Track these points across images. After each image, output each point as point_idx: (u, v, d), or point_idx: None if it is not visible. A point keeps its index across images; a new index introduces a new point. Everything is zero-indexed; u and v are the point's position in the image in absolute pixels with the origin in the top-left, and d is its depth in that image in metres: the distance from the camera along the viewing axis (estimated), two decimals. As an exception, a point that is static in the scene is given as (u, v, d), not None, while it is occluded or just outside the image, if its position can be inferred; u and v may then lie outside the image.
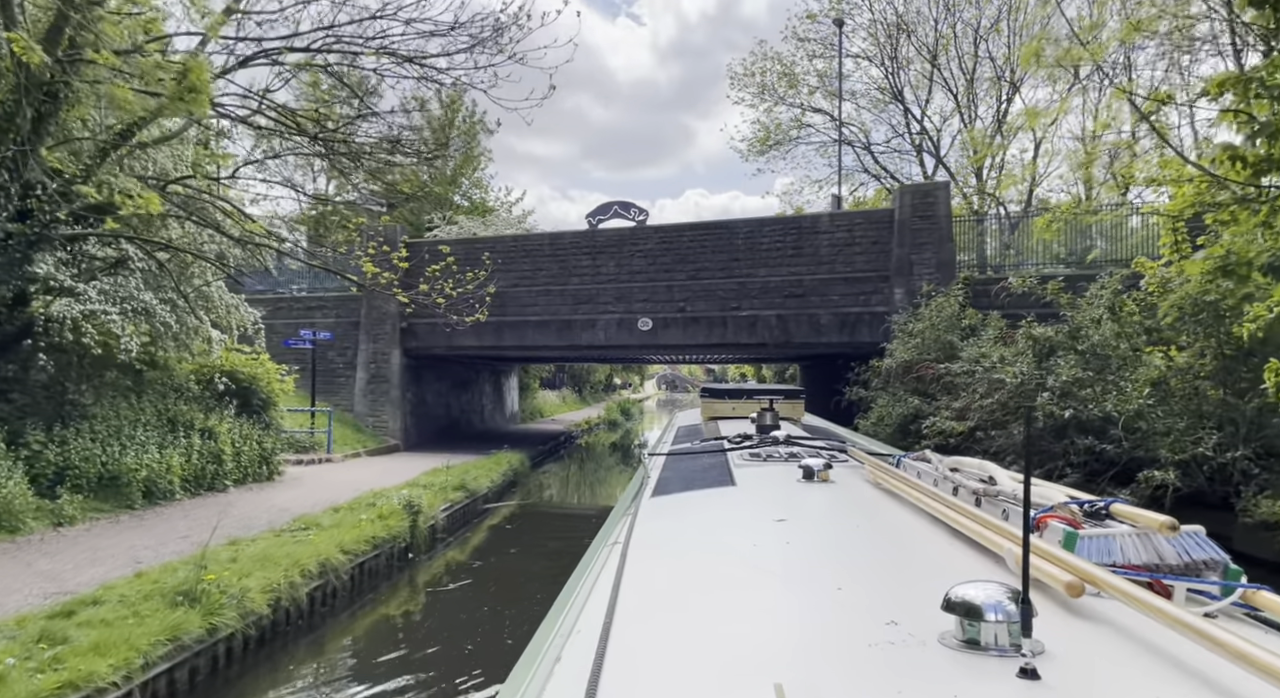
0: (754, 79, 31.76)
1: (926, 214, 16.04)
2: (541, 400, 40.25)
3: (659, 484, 4.02)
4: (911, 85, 30.83)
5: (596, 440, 32.98)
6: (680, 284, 18.19)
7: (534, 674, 1.66)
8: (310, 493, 11.84)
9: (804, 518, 2.93)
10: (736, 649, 1.61)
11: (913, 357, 14.15)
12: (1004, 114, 29.72)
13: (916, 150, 31.51)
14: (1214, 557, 1.92)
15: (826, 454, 4.38)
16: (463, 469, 14.38)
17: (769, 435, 5.28)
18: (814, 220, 17.33)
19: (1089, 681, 1.39)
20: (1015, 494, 2.43)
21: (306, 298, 21.33)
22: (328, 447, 16.27)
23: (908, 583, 2.06)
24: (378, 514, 9.46)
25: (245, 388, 12.72)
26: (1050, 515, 2.19)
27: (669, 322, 18.26)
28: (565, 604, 2.17)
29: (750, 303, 17.59)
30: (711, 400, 8.36)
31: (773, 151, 33.53)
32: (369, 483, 13.07)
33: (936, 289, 15.14)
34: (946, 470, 3.10)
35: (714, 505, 3.35)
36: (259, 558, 7.16)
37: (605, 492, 19.14)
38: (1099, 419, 10.17)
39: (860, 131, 32.48)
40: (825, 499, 3.30)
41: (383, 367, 20.25)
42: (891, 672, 1.43)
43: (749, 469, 4.05)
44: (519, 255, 19.60)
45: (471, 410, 26.63)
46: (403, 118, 13.65)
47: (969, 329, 14.25)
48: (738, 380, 55.68)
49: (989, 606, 1.48)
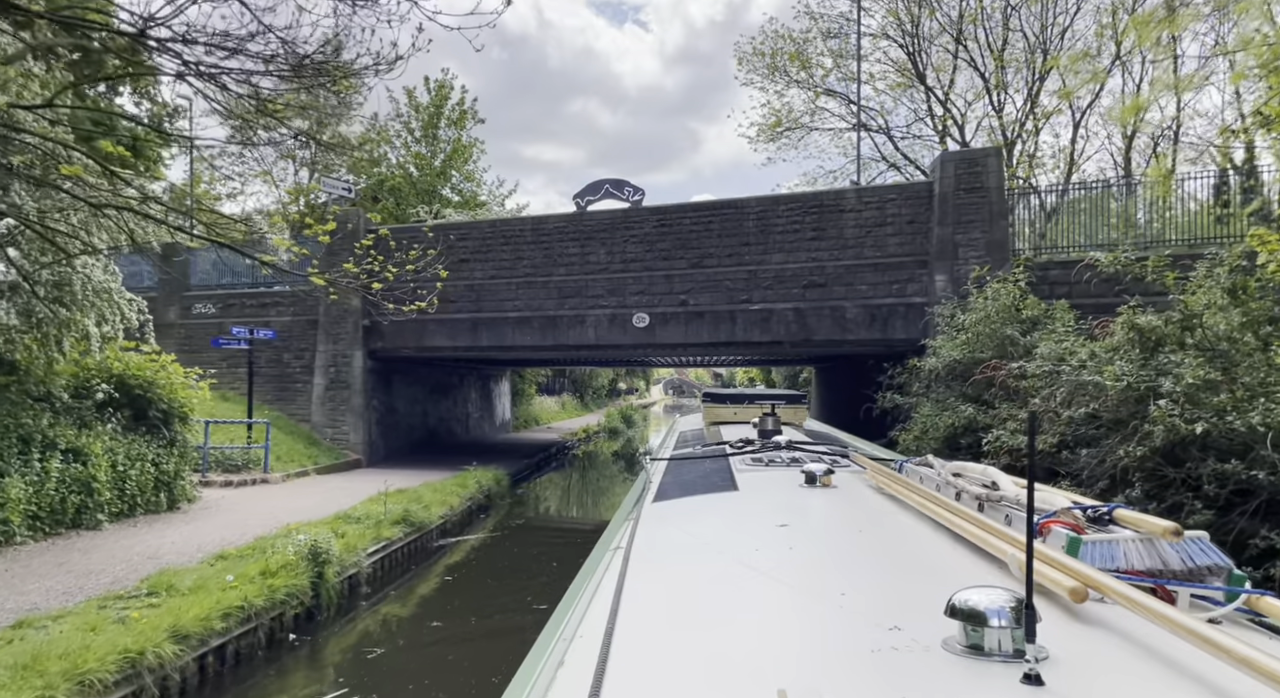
0: (763, 59, 29.36)
1: (974, 186, 13.46)
2: (538, 407, 37.73)
3: (661, 489, 3.99)
4: (934, 67, 28.42)
5: (594, 450, 30.41)
6: (681, 274, 15.67)
7: (536, 680, 1.64)
8: (212, 530, 9.36)
9: (806, 523, 2.89)
10: (739, 655, 1.60)
11: (964, 355, 11.59)
12: (1037, 92, 27.28)
13: (940, 136, 29.10)
14: (1218, 562, 1.91)
15: (829, 459, 4.38)
16: (414, 494, 11.84)
17: (771, 440, 5.23)
18: (838, 197, 14.79)
19: (1093, 687, 1.37)
20: (1018, 499, 2.47)
21: (261, 293, 18.89)
22: (264, 465, 13.78)
23: (911, 588, 2.03)
24: (261, 570, 6.91)
25: (139, 396, 10.24)
26: (1054, 521, 2.17)
27: (668, 317, 15.73)
28: (567, 610, 2.15)
29: (763, 294, 15.05)
30: (713, 405, 8.35)
31: (784, 139, 31.16)
32: (300, 513, 10.58)
33: (989, 274, 12.58)
34: (949, 475, 3.09)
35: (716, 511, 3.32)
36: (23, 665, 4.62)
37: (601, 514, 16.57)
38: (1232, 435, 7.59)
39: (879, 114, 30.07)
40: (827, 504, 3.26)
41: (343, 370, 17.78)
42: (895, 678, 1.41)
43: (751, 474, 4.02)
44: (497, 242, 17.12)
45: (454, 419, 24.12)
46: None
47: (1030, 322, 11.68)
48: (746, 385, 53.39)
49: (992, 611, 1.47)
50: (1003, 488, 2.67)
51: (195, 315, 19.26)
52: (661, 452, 5.93)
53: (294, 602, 6.94)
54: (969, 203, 13.44)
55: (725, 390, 11.44)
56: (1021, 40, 26.53)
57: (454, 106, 31.74)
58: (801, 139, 31.83)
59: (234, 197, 33.62)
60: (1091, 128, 31.54)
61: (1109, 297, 12.68)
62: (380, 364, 18.58)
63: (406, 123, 31.79)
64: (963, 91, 29.18)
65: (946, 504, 2.68)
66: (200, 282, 19.65)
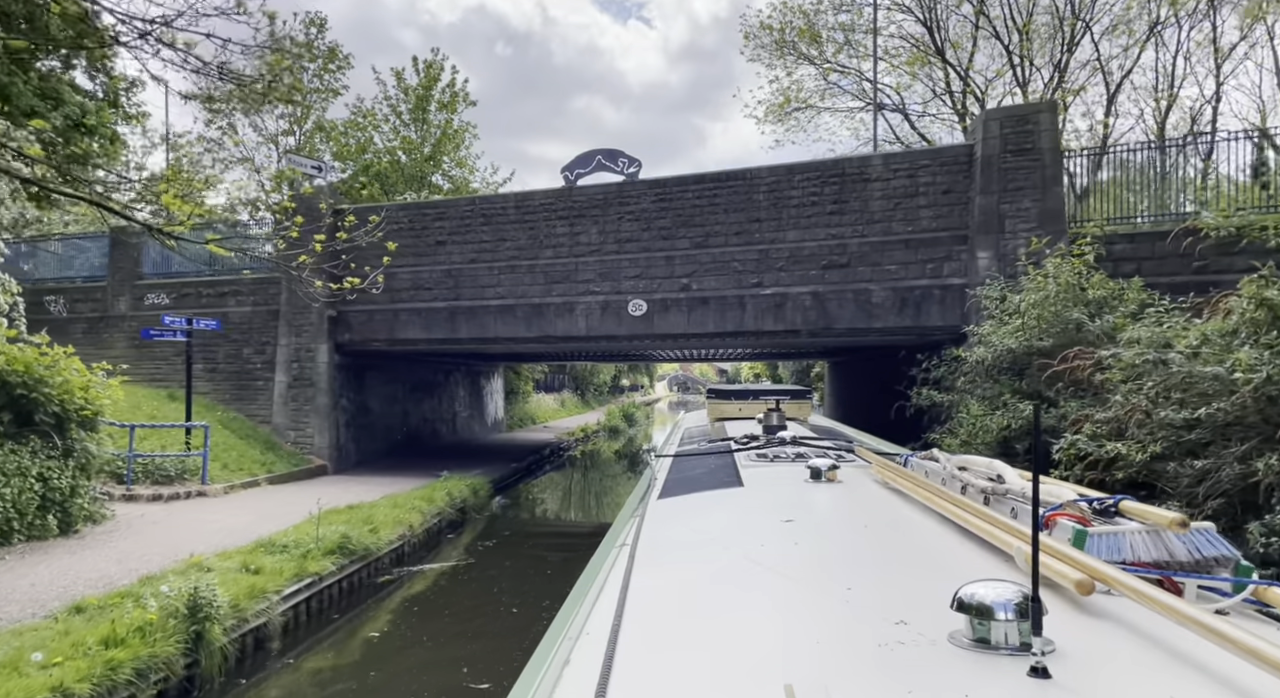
0: (772, 34, 27.46)
1: (1023, 147, 11.53)
2: (535, 405, 35.88)
3: (666, 486, 3.95)
4: (952, 42, 26.50)
5: (592, 451, 28.54)
6: (683, 255, 13.80)
7: (543, 677, 1.64)
8: (98, 564, 7.55)
9: (812, 518, 2.88)
10: (746, 651, 1.59)
11: (1019, 344, 9.70)
12: (1065, 64, 25.37)
13: (960, 114, 27.20)
14: (1225, 553, 1.89)
15: (834, 454, 4.36)
16: (365, 512, 9.98)
17: (776, 436, 5.17)
18: (862, 164, 12.87)
19: (1100, 679, 1.37)
20: (1024, 493, 2.44)
21: (219, 280, 17.07)
22: (203, 475, 11.96)
23: (917, 583, 2.01)
24: (102, 637, 5.05)
25: (20, 397, 8.42)
26: (1059, 514, 2.16)
27: (669, 304, 13.86)
28: (574, 607, 2.15)
29: (776, 277, 13.17)
30: (718, 402, 8.26)
31: (792, 121, 29.29)
32: (226, 535, 8.79)
33: (1047, 248, 10.67)
34: (954, 469, 3.09)
35: (721, 507, 3.30)
36: None
37: (595, 530, 14.74)
38: None
39: (895, 90, 28.15)
40: (833, 499, 3.23)
41: (308, 366, 15.95)
42: (902, 672, 1.42)
43: (756, 470, 3.98)
44: (477, 222, 15.26)
45: (438, 420, 22.29)
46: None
47: (1096, 304, 9.79)
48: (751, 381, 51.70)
49: (999, 604, 1.46)
50: (1008, 481, 2.66)
51: (148, 306, 17.47)
52: (667, 448, 5.84)
53: (152, 679, 5.09)
54: (1018, 167, 11.52)
55: (730, 386, 10.78)
56: (1049, 11, 24.54)
57: (444, 88, 29.84)
58: (811, 120, 30.01)
59: (213, 185, 31.90)
60: (1121, 107, 29.65)
61: (1185, 274, 10.78)
62: (350, 359, 16.76)
63: (394, 106, 29.95)
64: (983, 68, 27.32)
65: (952, 498, 2.66)
66: (154, 270, 17.86)
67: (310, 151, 30.12)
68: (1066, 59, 25.18)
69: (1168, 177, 11.34)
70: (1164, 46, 25.00)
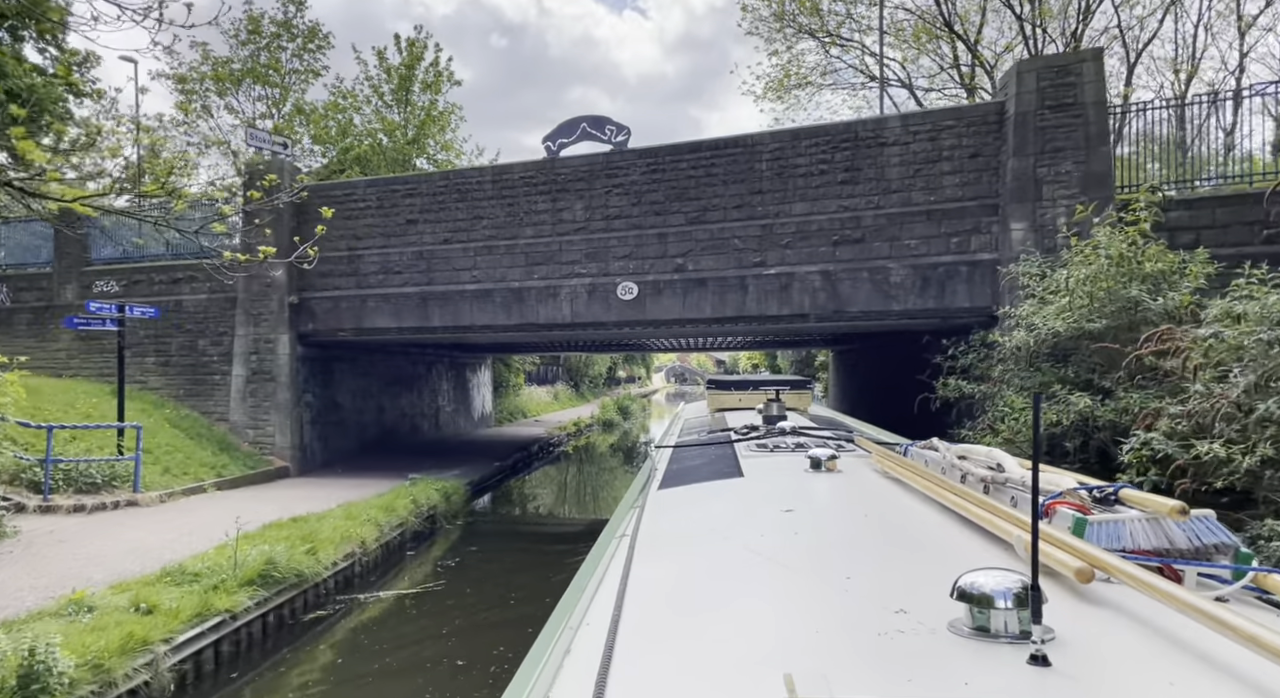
0: (770, 6, 26.03)
1: (1064, 103, 10.12)
2: (526, 398, 34.48)
3: (666, 476, 3.93)
4: (960, 16, 25.12)
5: (585, 446, 27.19)
6: (677, 231, 12.40)
7: (543, 667, 1.60)
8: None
9: (812, 508, 2.83)
10: (746, 640, 1.58)
11: (1067, 326, 8.34)
12: (1080, 33, 24.02)
13: (968, 90, 25.85)
14: (1224, 541, 1.87)
15: (833, 444, 4.33)
16: (309, 527, 8.59)
17: (776, 426, 5.14)
18: (877, 126, 11.45)
19: (1100, 666, 1.35)
20: (1023, 481, 2.43)
21: (172, 266, 15.63)
22: (135, 482, 10.57)
23: (916, 571, 1.99)
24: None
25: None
26: (1059, 502, 2.14)
27: (662, 286, 12.47)
28: (574, 597, 2.11)
29: (781, 255, 11.78)
30: (718, 392, 8.27)
31: (792, 97, 27.86)
32: (140, 557, 7.46)
33: (1095, 217, 9.29)
34: (954, 458, 3.08)
35: (722, 497, 3.27)
36: None
37: (583, 539, 13.39)
38: None
39: (901, 64, 26.74)
40: (833, 489, 3.21)
41: (267, 359, 14.55)
42: (901, 660, 1.40)
43: (756, 460, 3.96)
44: (451, 199, 13.84)
45: (419, 415, 20.90)
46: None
47: (1155, 278, 8.42)
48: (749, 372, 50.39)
49: (998, 593, 1.45)
50: (1008, 470, 2.63)
51: (97, 295, 16.04)
52: (667, 439, 5.85)
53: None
54: (1057, 125, 10.11)
55: (730, 377, 10.71)
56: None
57: (428, 68, 28.31)
58: (812, 97, 28.69)
59: (189, 170, 30.40)
60: (1139, 80, 28.26)
61: (1255, 243, 9.42)
62: (316, 351, 15.36)
63: (376, 86, 28.41)
64: (992, 43, 25.96)
65: (952, 487, 2.64)
66: (103, 256, 16.42)
67: (289, 135, 28.61)
68: (1082, 29, 23.84)
69: (1231, 134, 9.93)
70: (1185, 14, 23.64)
